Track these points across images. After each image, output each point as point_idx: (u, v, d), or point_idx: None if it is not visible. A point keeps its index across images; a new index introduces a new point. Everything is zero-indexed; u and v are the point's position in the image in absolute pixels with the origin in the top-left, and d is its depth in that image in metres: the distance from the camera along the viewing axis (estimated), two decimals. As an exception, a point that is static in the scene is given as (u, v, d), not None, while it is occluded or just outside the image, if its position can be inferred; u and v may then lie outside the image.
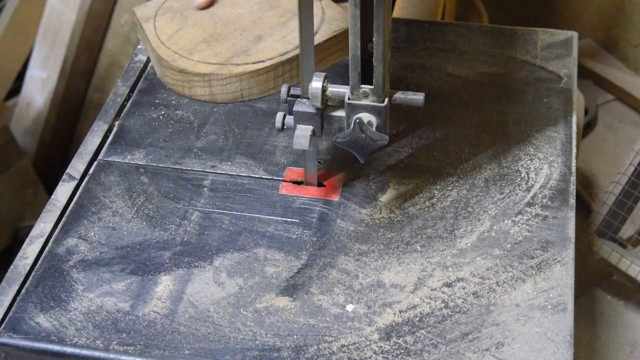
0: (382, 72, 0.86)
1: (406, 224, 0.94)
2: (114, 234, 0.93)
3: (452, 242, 0.92)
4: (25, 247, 0.92)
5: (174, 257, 0.91)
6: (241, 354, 0.82)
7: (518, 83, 1.12)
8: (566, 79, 1.13)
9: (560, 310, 0.85)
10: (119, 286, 0.88)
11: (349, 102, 0.88)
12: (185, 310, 0.85)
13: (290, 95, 0.92)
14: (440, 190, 0.98)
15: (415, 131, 1.04)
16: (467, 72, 1.14)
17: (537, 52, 1.17)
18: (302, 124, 0.91)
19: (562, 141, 1.04)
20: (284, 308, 0.86)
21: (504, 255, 0.91)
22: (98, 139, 1.04)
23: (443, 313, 0.85)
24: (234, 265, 0.90)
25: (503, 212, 0.95)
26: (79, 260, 0.91)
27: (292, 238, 0.93)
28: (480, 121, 1.07)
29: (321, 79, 0.88)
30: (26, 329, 0.84)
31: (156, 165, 1.01)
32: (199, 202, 0.97)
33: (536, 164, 1.01)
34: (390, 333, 0.83)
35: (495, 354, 0.81)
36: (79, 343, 0.83)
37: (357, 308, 0.86)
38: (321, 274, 0.89)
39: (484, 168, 1.00)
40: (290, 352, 0.82)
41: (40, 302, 0.86)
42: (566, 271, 0.89)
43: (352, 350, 0.82)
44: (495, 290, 0.87)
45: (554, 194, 0.97)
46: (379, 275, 0.89)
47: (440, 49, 1.17)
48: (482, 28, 1.25)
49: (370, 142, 0.88)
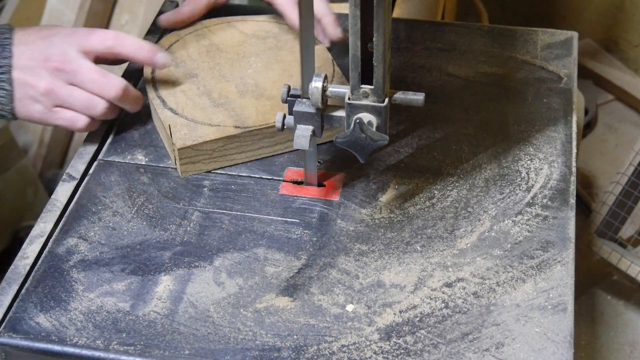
0: (382, 72, 0.86)
1: (406, 224, 0.94)
2: (114, 234, 0.93)
3: (452, 242, 0.92)
4: (25, 247, 0.92)
5: (174, 257, 0.91)
6: (241, 354, 0.82)
7: (518, 83, 1.12)
8: (566, 79, 1.13)
9: (561, 310, 0.85)
10: (119, 286, 0.88)
11: (349, 102, 0.88)
12: (185, 310, 0.85)
13: (290, 95, 0.92)
14: (440, 191, 0.98)
15: (415, 131, 1.04)
16: (467, 72, 1.14)
17: (537, 52, 1.17)
18: (302, 124, 0.91)
19: (562, 141, 1.04)
20: (284, 308, 0.86)
21: (504, 255, 0.91)
22: (98, 139, 1.04)
23: (443, 313, 0.85)
24: (234, 265, 0.90)
25: (503, 212, 0.95)
26: (79, 260, 0.91)
27: (292, 238, 0.93)
28: (480, 121, 1.07)
29: (321, 79, 0.88)
30: (26, 329, 0.84)
31: (156, 165, 1.01)
32: (199, 202, 0.97)
33: (536, 164, 1.01)
34: (391, 333, 0.83)
35: (496, 354, 0.81)
36: (79, 343, 0.83)
37: (357, 308, 0.86)
38: (321, 274, 0.89)
39: (484, 168, 1.00)
40: (291, 352, 0.82)
41: (40, 302, 0.86)
42: (566, 271, 0.89)
43: (352, 351, 0.82)
44: (495, 291, 0.87)
45: (554, 194, 0.97)
46: (379, 276, 0.89)
47: (440, 49, 1.17)
48: (482, 28, 1.25)
49: (370, 142, 0.88)
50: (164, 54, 1.02)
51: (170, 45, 1.11)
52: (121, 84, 0.99)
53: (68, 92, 0.97)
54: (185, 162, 0.99)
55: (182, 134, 0.98)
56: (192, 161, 0.99)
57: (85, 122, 1.00)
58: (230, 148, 1.00)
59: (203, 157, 0.99)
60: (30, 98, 0.98)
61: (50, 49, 0.97)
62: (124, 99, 0.99)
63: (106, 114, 0.99)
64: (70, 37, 0.98)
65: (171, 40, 1.12)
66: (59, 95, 0.97)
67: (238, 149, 1.00)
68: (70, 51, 0.97)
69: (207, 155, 0.99)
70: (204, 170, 1.00)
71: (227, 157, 1.00)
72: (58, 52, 0.97)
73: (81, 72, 0.97)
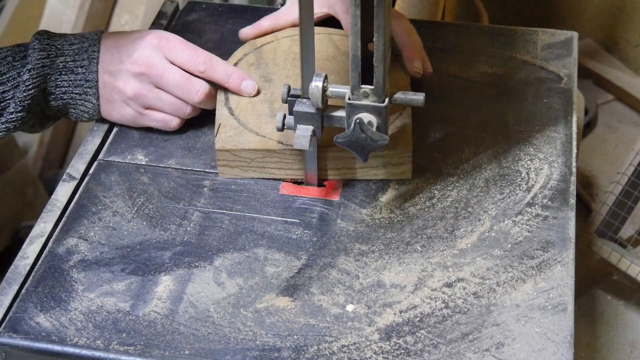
0: (383, 72, 0.86)
1: (406, 224, 0.94)
2: (114, 234, 0.93)
3: (452, 243, 0.92)
4: (25, 247, 0.92)
5: (174, 257, 0.91)
6: (241, 354, 0.82)
7: (518, 83, 1.12)
8: (566, 79, 1.13)
9: (561, 310, 0.85)
10: (119, 286, 0.88)
11: (349, 102, 0.88)
12: (185, 311, 0.85)
13: (291, 96, 0.92)
14: (440, 191, 0.98)
15: (416, 131, 1.04)
16: (467, 72, 1.14)
17: (537, 52, 1.17)
18: (302, 124, 0.91)
19: (562, 141, 1.04)
20: (284, 308, 0.86)
21: (504, 255, 0.91)
22: (98, 139, 1.04)
23: (443, 313, 0.85)
24: (234, 265, 0.90)
25: (503, 212, 0.95)
26: (79, 260, 0.91)
27: (292, 238, 0.93)
28: (480, 121, 1.07)
29: (321, 79, 0.88)
30: (26, 329, 0.84)
31: (156, 165, 1.01)
32: (199, 202, 0.97)
33: (536, 164, 1.01)
34: (391, 333, 0.83)
35: (496, 354, 0.81)
36: (79, 343, 0.83)
37: (357, 308, 0.86)
38: (321, 274, 0.89)
39: (484, 168, 1.00)
40: (291, 352, 0.82)
41: (41, 302, 0.86)
42: (566, 271, 0.89)
43: (353, 351, 0.82)
44: (495, 291, 0.87)
45: (554, 194, 0.97)
46: (379, 276, 0.89)
47: (440, 49, 1.17)
48: (482, 28, 1.25)
49: (370, 142, 0.88)
50: (251, 82, 1.03)
51: (264, 44, 1.10)
52: (205, 89, 1.01)
53: (156, 96, 1.01)
54: (223, 164, 0.98)
55: (226, 136, 0.98)
56: (230, 165, 0.98)
57: (178, 122, 1.03)
58: (270, 162, 0.98)
59: (241, 164, 0.98)
60: (120, 101, 1.01)
61: (137, 53, 1.00)
62: (205, 103, 1.02)
63: (191, 114, 1.03)
64: (159, 43, 1.01)
65: (267, 39, 1.11)
66: (147, 98, 1.01)
67: (277, 165, 0.98)
68: (157, 57, 1.00)
69: (245, 162, 0.98)
70: (241, 176, 0.99)
71: (265, 169, 0.98)
72: (144, 57, 1.00)
73: (166, 76, 1.00)
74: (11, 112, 0.97)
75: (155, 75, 1.00)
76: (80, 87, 1.01)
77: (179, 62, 1.01)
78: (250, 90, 1.02)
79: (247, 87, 1.03)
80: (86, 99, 1.01)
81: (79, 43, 1.01)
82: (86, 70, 1.00)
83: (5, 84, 0.97)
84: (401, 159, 0.98)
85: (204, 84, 1.01)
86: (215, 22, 1.23)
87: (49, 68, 0.99)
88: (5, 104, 0.97)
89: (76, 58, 1.00)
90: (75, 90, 1.01)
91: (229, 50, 1.11)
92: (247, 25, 1.14)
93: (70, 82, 1.00)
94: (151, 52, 1.00)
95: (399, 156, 0.97)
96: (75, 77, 1.00)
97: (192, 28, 1.21)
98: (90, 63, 1.00)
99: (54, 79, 0.99)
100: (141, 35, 1.02)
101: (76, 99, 1.01)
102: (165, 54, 1.00)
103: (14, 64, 0.97)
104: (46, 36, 1.00)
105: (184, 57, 1.01)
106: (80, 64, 1.00)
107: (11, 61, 0.98)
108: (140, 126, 1.04)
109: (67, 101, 1.01)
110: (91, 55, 1.00)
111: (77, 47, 1.00)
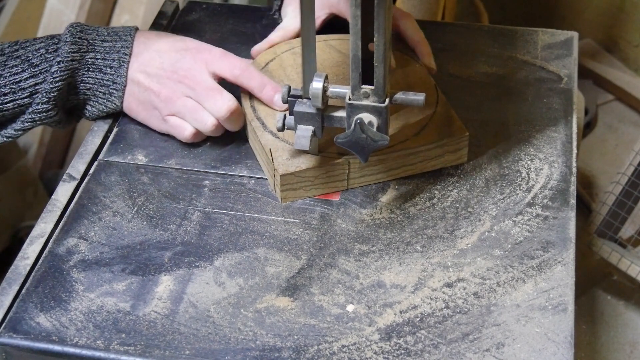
0: (383, 72, 0.86)
1: (407, 224, 0.94)
2: (115, 234, 0.93)
3: (452, 243, 0.92)
4: (26, 247, 0.92)
5: (175, 257, 0.91)
6: (242, 354, 0.82)
7: (518, 83, 1.12)
8: (566, 79, 1.13)
9: (561, 310, 0.85)
10: (119, 286, 0.88)
11: (350, 103, 0.88)
12: (185, 311, 0.85)
13: (291, 96, 0.92)
14: (440, 191, 0.98)
15: (416, 131, 1.04)
16: (467, 72, 1.14)
17: (537, 52, 1.17)
18: (303, 125, 0.91)
19: (562, 141, 1.04)
20: (285, 308, 0.86)
21: (504, 255, 0.91)
22: (98, 139, 1.04)
23: (444, 313, 0.85)
24: (234, 266, 0.90)
25: (503, 212, 0.95)
26: (79, 260, 0.91)
27: (293, 238, 0.93)
28: (480, 121, 1.07)
29: (322, 79, 0.88)
30: (26, 329, 0.84)
31: (157, 165, 1.01)
32: (200, 202, 0.97)
33: (536, 164, 1.01)
34: (391, 333, 0.83)
35: (496, 354, 0.81)
36: (79, 343, 0.83)
37: (357, 308, 0.86)
38: (321, 274, 0.89)
39: (484, 168, 1.01)
40: (291, 353, 0.82)
41: (41, 302, 0.86)
42: (567, 271, 0.89)
43: (353, 351, 0.82)
44: (495, 291, 0.87)
45: (555, 194, 0.97)
46: (379, 276, 0.89)
47: (440, 49, 1.17)
48: (482, 28, 1.25)
49: (371, 142, 0.88)
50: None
51: (267, 63, 1.08)
52: (232, 105, 0.99)
53: (182, 103, 1.00)
54: (286, 188, 0.96)
55: (283, 160, 0.96)
56: (293, 187, 0.96)
57: (191, 132, 1.01)
58: (333, 175, 0.97)
59: (305, 184, 0.96)
60: (150, 103, 1.01)
61: (180, 62, 1.00)
62: (230, 120, 1.00)
63: (213, 131, 1.01)
64: (201, 55, 1.01)
65: (267, 58, 1.09)
66: (175, 104, 1.00)
67: (341, 177, 0.97)
68: (198, 68, 1.00)
69: (309, 182, 0.96)
70: (304, 197, 0.97)
71: (329, 184, 0.97)
72: (186, 67, 1.00)
73: (200, 87, 0.99)
74: (37, 103, 0.98)
75: (190, 85, 0.99)
76: (106, 87, 1.01)
77: (218, 70, 1.00)
78: (282, 103, 0.99)
79: (278, 100, 1.01)
80: (109, 99, 1.02)
81: (111, 41, 1.01)
82: (115, 72, 1.00)
83: (37, 76, 0.98)
84: (459, 144, 0.99)
85: (233, 100, 0.99)
86: (215, 22, 1.23)
87: (78, 63, 0.99)
88: (36, 96, 0.98)
89: (106, 57, 1.00)
90: (100, 89, 1.01)
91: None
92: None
93: (97, 80, 1.00)
94: (194, 64, 1.00)
95: (457, 142, 0.99)
96: (103, 77, 1.01)
97: (192, 28, 1.21)
98: (120, 65, 1.00)
99: (80, 74, 1.00)
100: (185, 44, 1.02)
101: (98, 97, 1.02)
102: (207, 65, 1.00)
103: (47, 56, 0.98)
104: (79, 29, 1.00)
105: (224, 66, 1.00)
106: (110, 64, 1.00)
107: (44, 53, 0.98)
108: (160, 131, 1.04)
109: (88, 97, 1.02)
110: (122, 58, 1.00)
111: (108, 45, 1.01)
